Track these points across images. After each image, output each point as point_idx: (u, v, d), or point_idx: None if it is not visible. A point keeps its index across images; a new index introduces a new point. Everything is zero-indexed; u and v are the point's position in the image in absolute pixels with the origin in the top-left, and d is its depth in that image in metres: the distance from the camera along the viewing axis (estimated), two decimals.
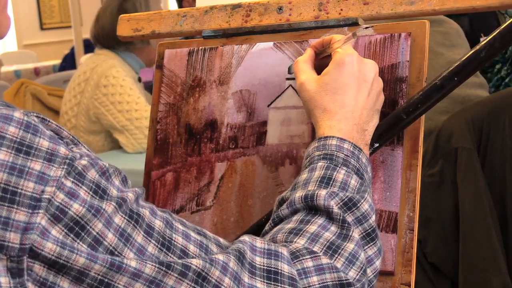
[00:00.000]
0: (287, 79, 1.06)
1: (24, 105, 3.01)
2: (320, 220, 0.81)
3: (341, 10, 1.04)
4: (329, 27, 1.05)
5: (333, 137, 0.89)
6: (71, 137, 0.70)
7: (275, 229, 0.83)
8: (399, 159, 0.97)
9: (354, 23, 1.03)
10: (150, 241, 0.68)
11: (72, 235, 0.63)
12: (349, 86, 0.91)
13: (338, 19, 1.04)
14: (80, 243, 0.63)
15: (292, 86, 1.05)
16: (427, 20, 1.01)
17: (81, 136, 2.61)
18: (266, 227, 0.87)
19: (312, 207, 0.83)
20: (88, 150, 0.70)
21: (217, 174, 1.07)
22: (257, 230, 0.93)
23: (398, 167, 0.97)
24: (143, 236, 0.67)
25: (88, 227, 0.64)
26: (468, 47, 2.13)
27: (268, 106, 1.06)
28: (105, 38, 2.63)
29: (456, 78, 0.91)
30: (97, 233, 0.64)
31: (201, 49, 1.12)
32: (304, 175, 0.87)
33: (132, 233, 0.67)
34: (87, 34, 3.02)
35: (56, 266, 0.62)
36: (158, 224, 0.69)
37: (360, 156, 0.89)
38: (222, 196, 1.06)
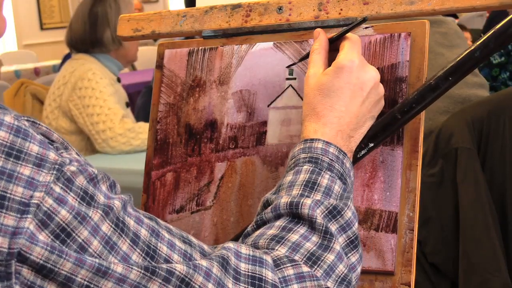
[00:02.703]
0: (287, 79, 1.06)
1: (24, 105, 3.01)
2: (302, 230, 0.81)
3: (341, 10, 1.04)
4: (329, 27, 1.05)
5: (319, 139, 0.89)
6: (61, 140, 0.70)
7: (257, 232, 0.83)
8: (399, 159, 0.97)
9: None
10: (135, 249, 0.68)
11: (58, 241, 0.63)
12: (343, 91, 0.91)
13: (338, 19, 1.04)
14: (66, 249, 0.63)
15: (292, 86, 1.05)
16: (427, 20, 1.01)
17: (63, 137, 2.66)
18: (249, 228, 0.86)
19: (295, 215, 0.82)
20: (78, 154, 0.70)
21: (217, 174, 1.07)
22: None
23: (398, 167, 0.97)
24: (129, 244, 0.68)
25: (74, 234, 0.64)
26: (467, 47, 2.13)
27: (268, 106, 1.06)
28: (78, 42, 2.74)
29: (450, 78, 0.91)
30: (83, 240, 0.64)
31: (201, 49, 1.12)
32: (288, 177, 0.87)
33: (117, 241, 0.67)
34: None
35: (44, 270, 0.63)
36: (143, 233, 0.70)
37: (344, 161, 0.89)
38: (222, 196, 1.06)
